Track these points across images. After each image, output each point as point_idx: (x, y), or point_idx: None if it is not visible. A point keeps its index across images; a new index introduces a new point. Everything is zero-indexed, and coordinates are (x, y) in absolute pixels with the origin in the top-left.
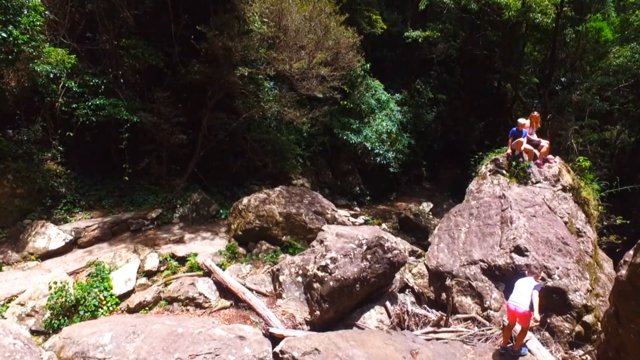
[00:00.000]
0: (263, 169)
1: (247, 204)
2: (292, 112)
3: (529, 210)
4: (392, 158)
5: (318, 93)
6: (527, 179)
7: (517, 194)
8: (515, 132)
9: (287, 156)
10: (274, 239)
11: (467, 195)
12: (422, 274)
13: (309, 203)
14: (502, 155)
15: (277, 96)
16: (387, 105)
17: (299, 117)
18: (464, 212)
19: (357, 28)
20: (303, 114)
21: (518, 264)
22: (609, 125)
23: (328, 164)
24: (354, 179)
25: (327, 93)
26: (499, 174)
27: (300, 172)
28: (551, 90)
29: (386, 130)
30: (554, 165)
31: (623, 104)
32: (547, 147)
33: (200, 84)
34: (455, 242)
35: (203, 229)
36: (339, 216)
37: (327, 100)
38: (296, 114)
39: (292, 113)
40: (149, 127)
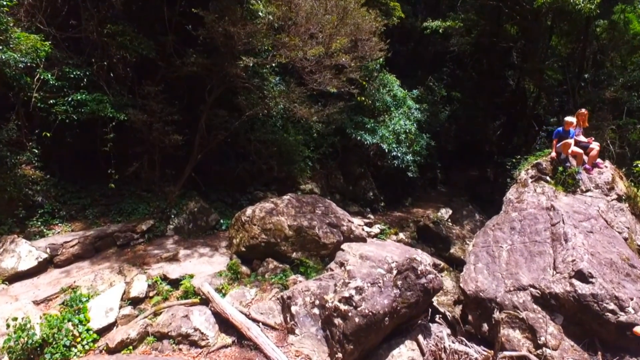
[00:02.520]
0: (268, 173)
1: (251, 215)
2: (303, 109)
3: (584, 224)
4: (410, 161)
5: (331, 88)
6: (576, 186)
7: (567, 204)
8: (561, 133)
9: (295, 158)
10: (283, 256)
11: (505, 206)
12: (446, 291)
13: (322, 213)
14: (544, 159)
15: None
16: (404, 102)
17: (310, 115)
18: (504, 225)
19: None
20: (316, 111)
21: (581, 292)
22: None
23: (339, 167)
24: (367, 183)
25: (342, 88)
26: (542, 180)
27: (309, 176)
28: (580, 87)
29: (404, 130)
30: (605, 170)
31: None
32: (597, 149)
33: (198, 77)
34: (496, 262)
35: (201, 243)
36: (356, 228)
37: (342, 96)
38: (308, 112)
39: (302, 110)
40: (139, 127)
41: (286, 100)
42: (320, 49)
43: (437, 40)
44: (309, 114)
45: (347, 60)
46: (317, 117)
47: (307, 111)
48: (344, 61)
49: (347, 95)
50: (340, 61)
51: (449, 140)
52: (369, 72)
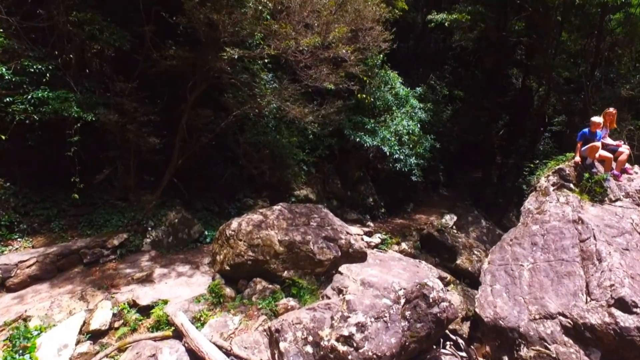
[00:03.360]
0: (259, 178)
1: (236, 229)
2: (296, 108)
3: (618, 241)
4: (414, 164)
5: (329, 84)
6: (604, 195)
7: (597, 217)
8: (587, 135)
9: (288, 162)
10: (273, 275)
11: (523, 217)
12: None
13: (318, 226)
14: (567, 164)
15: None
16: (407, 101)
17: (304, 115)
18: (524, 240)
19: None
20: (311, 110)
21: (624, 325)
22: None
23: (336, 170)
24: (367, 188)
25: (341, 84)
26: (565, 188)
27: (304, 181)
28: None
29: (407, 130)
30: (636, 177)
31: None
32: (627, 154)
33: (179, 72)
34: (516, 283)
35: (180, 260)
36: (355, 241)
37: (341, 94)
38: (301, 111)
39: (295, 110)
40: (110, 128)
41: (278, 99)
42: (315, 39)
43: (439, 36)
44: (302, 114)
45: (346, 52)
46: (312, 117)
47: (300, 110)
48: (344, 53)
49: (345, 93)
50: (339, 53)
51: (452, 141)
52: (369, 68)
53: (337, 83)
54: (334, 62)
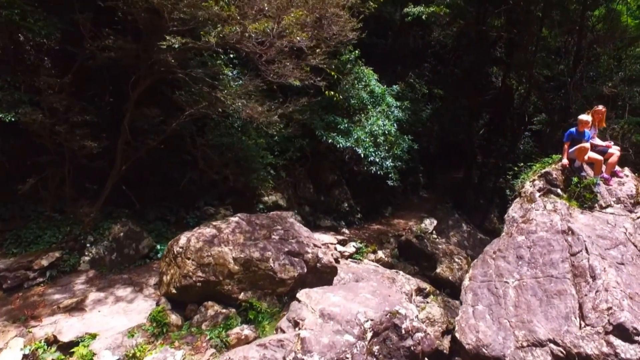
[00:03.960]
0: (223, 184)
1: (185, 245)
2: (253, 105)
3: (612, 254)
4: (390, 167)
5: (294, 80)
6: (594, 201)
7: (587, 226)
8: (574, 135)
9: (254, 166)
10: (227, 297)
11: (507, 226)
12: (433, 320)
13: (281, 239)
14: (554, 168)
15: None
16: (383, 99)
17: (262, 114)
18: (508, 253)
19: None
20: (270, 108)
21: (625, 357)
22: None
23: (308, 174)
24: (342, 192)
25: (307, 80)
26: (552, 194)
27: (273, 185)
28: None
29: (383, 131)
30: (627, 180)
31: None
32: (618, 155)
33: (123, 66)
34: (501, 304)
35: (123, 281)
36: (324, 254)
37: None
38: (257, 109)
39: (252, 107)
40: (36, 130)
41: (234, 96)
42: (266, 24)
43: (418, 33)
44: (257, 113)
45: (304, 40)
46: (266, 117)
47: (257, 108)
48: (301, 41)
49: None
50: (294, 41)
51: (432, 141)
52: (342, 63)
53: (302, 78)
54: (297, 55)
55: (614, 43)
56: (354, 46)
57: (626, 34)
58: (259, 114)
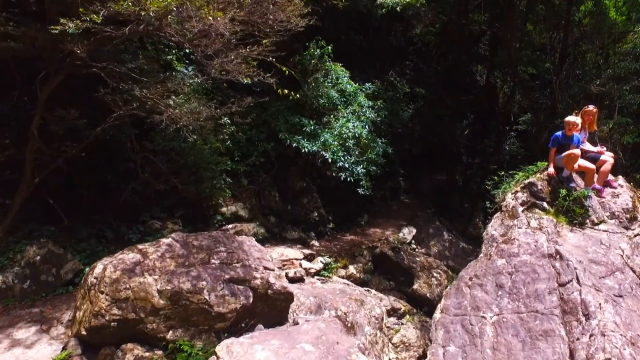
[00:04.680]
0: (173, 194)
1: (99, 276)
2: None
3: (608, 283)
4: (361, 173)
5: (243, 78)
6: (585, 217)
7: (578, 248)
8: (561, 139)
9: (206, 174)
10: (152, 337)
11: (486, 246)
12: (408, 344)
13: (222, 264)
14: (539, 177)
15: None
16: (355, 99)
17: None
18: (487, 279)
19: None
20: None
21: None
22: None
23: (274, 181)
24: (311, 200)
25: (255, 77)
26: (537, 208)
27: (230, 195)
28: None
29: (353, 134)
30: (622, 191)
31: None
32: (611, 162)
33: (28, 59)
34: (477, 345)
35: (31, 316)
36: (276, 278)
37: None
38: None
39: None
40: None
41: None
42: None
43: (399, 29)
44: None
45: (222, 21)
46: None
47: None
48: (219, 25)
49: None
50: (206, 21)
51: (414, 142)
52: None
53: (250, 75)
54: (242, 47)
55: (601, 39)
56: (327, 41)
57: (614, 29)
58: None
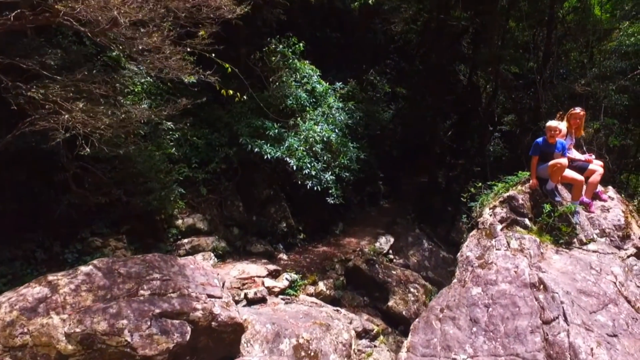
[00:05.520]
0: (119, 207)
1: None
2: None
3: (601, 319)
4: (330, 181)
5: (187, 76)
6: (572, 235)
7: (565, 275)
8: (543, 146)
9: (151, 185)
10: None
11: (460, 269)
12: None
13: (154, 294)
14: (521, 191)
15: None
16: (325, 100)
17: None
18: (460, 312)
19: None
20: (105, 117)
21: None
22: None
23: (237, 189)
24: (279, 210)
25: (196, 74)
26: (518, 225)
27: (188, 205)
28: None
29: (321, 138)
30: (613, 205)
31: None
32: (601, 173)
33: None
34: None
35: None
36: (223, 307)
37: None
38: (90, 115)
39: (81, 116)
40: None
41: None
42: None
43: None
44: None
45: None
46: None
47: (95, 116)
48: (115, 10)
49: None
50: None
51: (395, 144)
52: (266, 56)
53: (190, 73)
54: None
55: (586, 37)
56: (300, 38)
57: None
58: (95, 120)
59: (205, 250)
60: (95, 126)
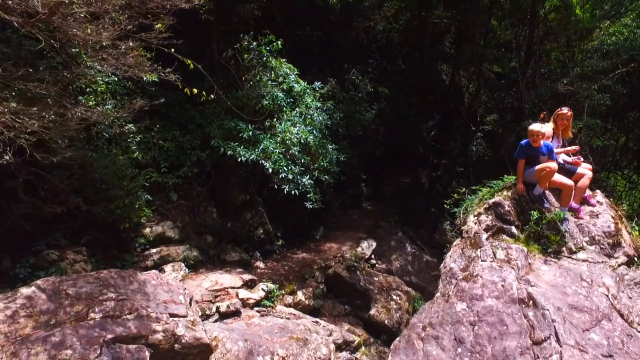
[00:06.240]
0: (79, 216)
1: None
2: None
3: (595, 338)
4: (309, 185)
5: (148, 75)
6: (562, 244)
7: (555, 288)
8: (528, 149)
9: (117, 192)
10: None
11: (443, 282)
12: None
13: (107, 317)
14: (506, 196)
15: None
16: (303, 99)
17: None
18: (443, 330)
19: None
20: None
21: None
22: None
23: (211, 195)
24: (256, 215)
25: (157, 72)
26: (504, 234)
27: (157, 213)
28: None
29: (299, 139)
30: (601, 210)
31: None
32: (589, 176)
33: None
34: None
35: None
36: (188, 327)
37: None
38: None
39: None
40: None
41: None
42: None
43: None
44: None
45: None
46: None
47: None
48: None
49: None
50: None
51: (377, 144)
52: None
53: (147, 70)
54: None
55: (567, 36)
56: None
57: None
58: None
59: (176, 261)
60: (21, 130)
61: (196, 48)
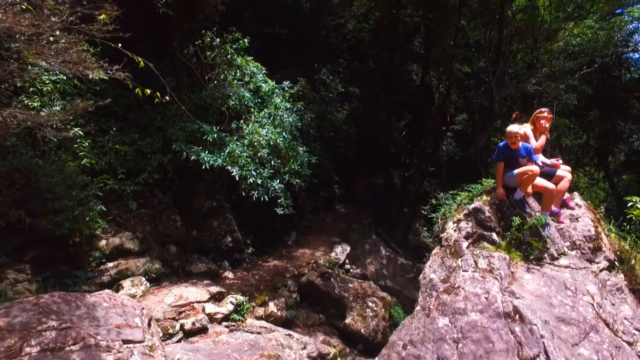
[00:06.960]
0: (23, 229)
1: None
2: None
3: (584, 353)
4: (279, 190)
5: (95, 72)
6: (543, 250)
7: (540, 298)
8: (506, 151)
9: (65, 203)
10: None
11: (424, 295)
12: None
13: (45, 350)
14: (486, 201)
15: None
16: (271, 100)
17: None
18: (425, 349)
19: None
20: None
21: None
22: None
23: (174, 202)
24: (223, 223)
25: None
26: (485, 241)
27: (108, 225)
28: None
29: (267, 142)
30: (581, 213)
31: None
32: (569, 179)
33: None
34: None
35: None
36: (142, 355)
37: None
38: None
39: None
40: None
41: None
42: None
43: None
44: None
45: None
46: None
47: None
48: None
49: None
50: None
51: (349, 145)
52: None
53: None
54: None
55: (534, 37)
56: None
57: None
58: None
59: (136, 275)
60: None
61: (157, 45)
